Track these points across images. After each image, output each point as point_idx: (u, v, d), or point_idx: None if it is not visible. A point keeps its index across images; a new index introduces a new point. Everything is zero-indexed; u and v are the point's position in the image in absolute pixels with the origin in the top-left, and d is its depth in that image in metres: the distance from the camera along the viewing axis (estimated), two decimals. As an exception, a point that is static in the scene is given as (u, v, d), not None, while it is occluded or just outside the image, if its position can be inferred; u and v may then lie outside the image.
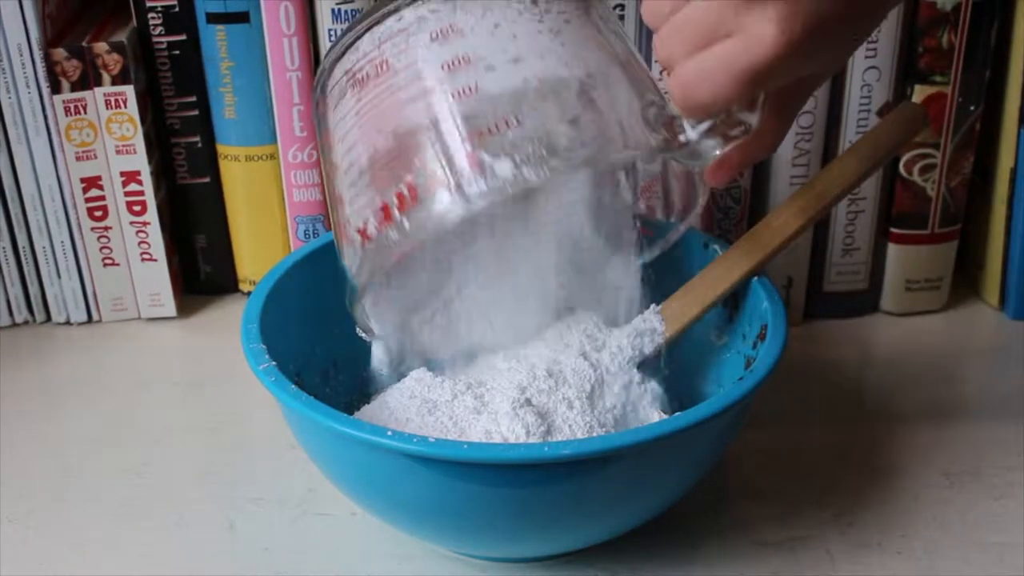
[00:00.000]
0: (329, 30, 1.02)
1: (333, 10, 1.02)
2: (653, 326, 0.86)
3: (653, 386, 0.84)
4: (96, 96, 1.03)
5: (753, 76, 0.63)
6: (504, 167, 0.65)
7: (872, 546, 0.83)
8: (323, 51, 1.03)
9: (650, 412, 0.82)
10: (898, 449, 0.95)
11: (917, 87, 1.05)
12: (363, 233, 0.71)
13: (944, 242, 1.12)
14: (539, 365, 0.82)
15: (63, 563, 0.84)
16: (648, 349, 0.85)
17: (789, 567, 0.81)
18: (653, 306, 0.86)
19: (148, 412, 1.01)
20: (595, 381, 0.82)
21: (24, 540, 0.86)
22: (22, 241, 1.08)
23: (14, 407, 1.01)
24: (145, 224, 1.09)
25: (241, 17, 1.04)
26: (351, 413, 0.81)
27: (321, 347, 0.92)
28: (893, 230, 1.11)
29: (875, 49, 1.00)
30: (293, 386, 0.76)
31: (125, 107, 1.04)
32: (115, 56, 1.02)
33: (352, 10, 1.02)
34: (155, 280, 1.12)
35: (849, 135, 1.04)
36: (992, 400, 1.02)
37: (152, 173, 1.07)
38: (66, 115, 1.03)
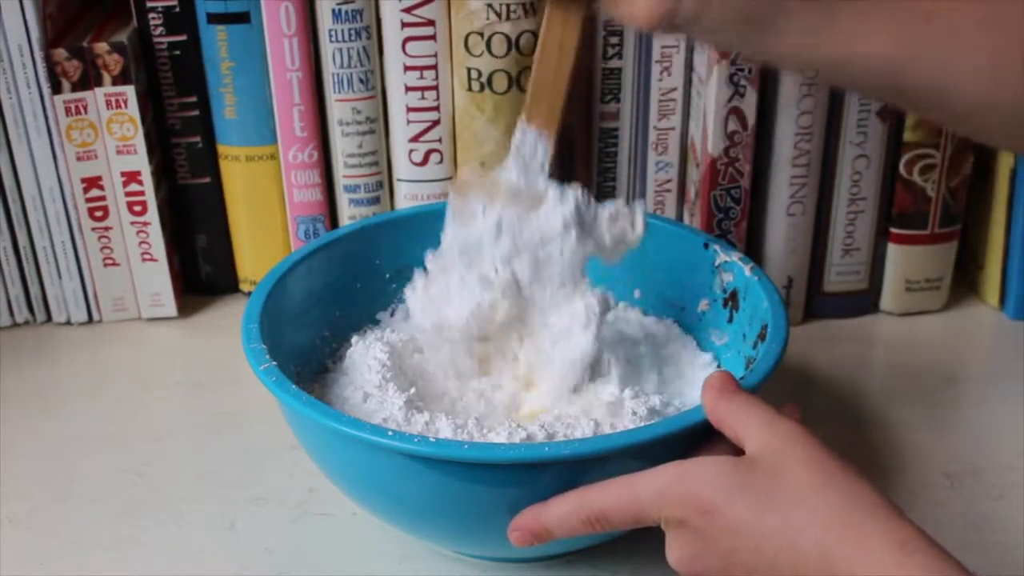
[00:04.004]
0: (330, 30, 1.03)
1: (334, 10, 1.02)
2: (532, 141, 0.86)
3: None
4: (97, 96, 1.03)
5: None
6: None
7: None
8: (323, 51, 1.05)
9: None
10: (898, 449, 0.95)
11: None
12: None
13: (944, 242, 1.12)
14: None
15: (63, 563, 0.84)
16: (542, 155, 0.86)
17: (789, 567, 0.81)
18: (520, 121, 0.86)
19: (148, 412, 1.02)
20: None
21: (24, 540, 0.86)
22: (23, 241, 1.08)
23: (14, 407, 1.01)
24: (146, 224, 1.09)
25: (242, 17, 1.04)
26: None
27: (322, 347, 0.92)
28: (893, 230, 1.11)
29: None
30: (294, 386, 0.76)
31: (126, 107, 1.04)
32: (116, 56, 1.02)
33: (352, 10, 1.02)
34: (156, 280, 1.12)
35: (849, 135, 1.05)
36: (992, 400, 1.02)
37: (152, 173, 1.07)
38: (67, 115, 1.03)
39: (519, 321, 0.86)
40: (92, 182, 1.06)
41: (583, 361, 0.85)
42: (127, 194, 1.07)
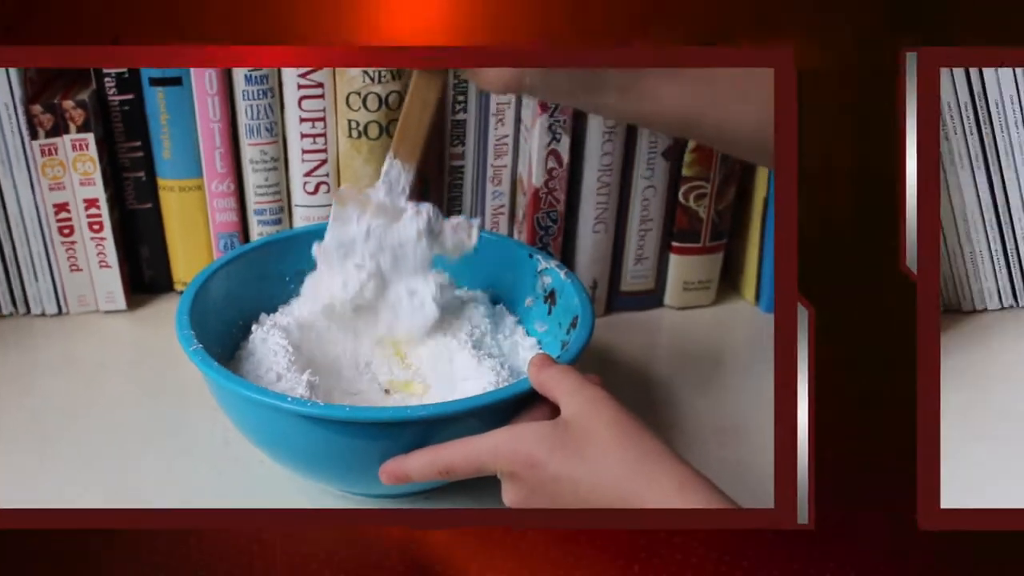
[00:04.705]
0: (243, 91, 1.13)
1: (246, 75, 1.13)
2: (397, 170, 0.95)
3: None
4: (65, 141, 1.12)
5: None
6: None
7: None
8: (239, 107, 1.14)
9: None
10: (678, 411, 1.07)
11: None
12: None
13: (713, 253, 1.24)
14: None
15: (45, 502, 0.94)
16: (404, 181, 0.95)
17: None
18: (388, 155, 0.95)
19: (106, 386, 1.11)
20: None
21: (13, 491, 0.96)
22: (8, 251, 1.17)
23: (0, 385, 1.10)
24: (102, 239, 1.18)
25: (176, 81, 1.14)
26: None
27: (237, 333, 1.02)
28: (674, 244, 1.23)
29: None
30: (216, 363, 0.86)
31: (87, 150, 1.13)
32: (79, 111, 1.12)
33: (260, 75, 1.12)
34: (110, 282, 1.21)
35: (640, 170, 1.17)
36: (749, 374, 1.13)
37: (107, 200, 1.16)
38: (42, 156, 1.13)
39: (382, 296, 0.95)
40: (61, 207, 1.16)
41: (431, 317, 0.97)
42: (88, 216, 1.16)
